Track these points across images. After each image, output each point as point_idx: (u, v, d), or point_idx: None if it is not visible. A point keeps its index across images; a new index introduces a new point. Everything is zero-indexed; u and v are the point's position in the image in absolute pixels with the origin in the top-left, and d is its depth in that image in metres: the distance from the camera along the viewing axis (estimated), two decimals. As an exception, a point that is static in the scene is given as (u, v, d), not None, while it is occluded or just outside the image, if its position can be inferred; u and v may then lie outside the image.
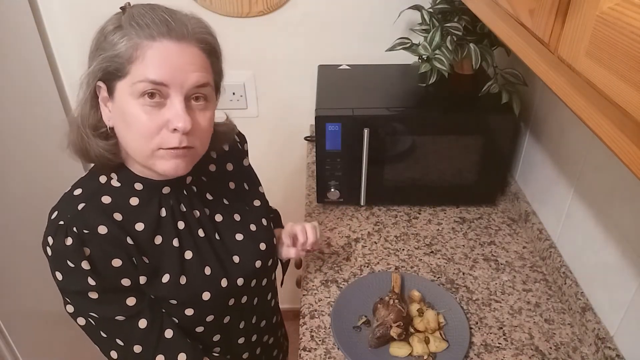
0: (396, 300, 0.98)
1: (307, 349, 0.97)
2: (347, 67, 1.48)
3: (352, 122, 1.19)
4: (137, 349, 0.77)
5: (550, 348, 0.97)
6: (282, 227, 1.09)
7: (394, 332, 0.94)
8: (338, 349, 0.96)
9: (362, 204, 1.33)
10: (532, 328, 1.01)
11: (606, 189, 0.95)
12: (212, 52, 0.74)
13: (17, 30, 1.39)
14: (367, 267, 1.16)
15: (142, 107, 0.69)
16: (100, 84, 0.73)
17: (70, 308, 0.76)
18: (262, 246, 0.91)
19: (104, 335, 0.77)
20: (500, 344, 0.98)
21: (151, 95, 0.68)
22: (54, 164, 1.57)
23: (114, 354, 0.79)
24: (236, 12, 1.46)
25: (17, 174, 1.38)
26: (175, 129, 0.70)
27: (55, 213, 0.75)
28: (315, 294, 1.09)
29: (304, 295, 1.10)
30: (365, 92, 1.34)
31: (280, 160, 1.74)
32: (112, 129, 0.75)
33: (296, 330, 1.04)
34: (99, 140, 0.75)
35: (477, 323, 1.02)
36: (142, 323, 0.77)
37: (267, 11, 1.46)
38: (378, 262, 1.18)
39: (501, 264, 1.17)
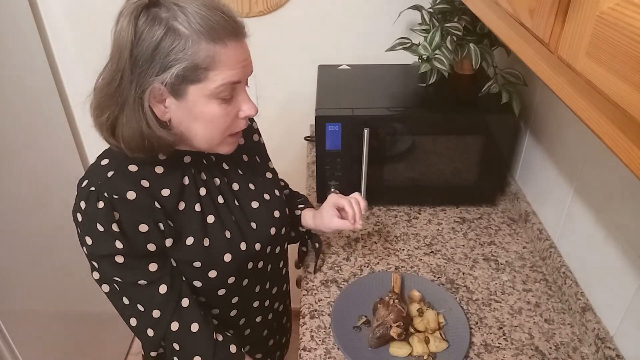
0: (396, 300, 0.98)
1: (307, 349, 0.97)
2: (347, 67, 1.48)
3: (352, 122, 1.19)
4: (156, 314, 0.81)
5: (550, 348, 0.97)
6: (313, 207, 1.13)
7: (394, 332, 0.94)
8: (338, 349, 0.96)
9: (362, 204, 1.33)
10: (532, 328, 1.01)
11: (606, 189, 0.95)
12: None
13: (17, 30, 1.39)
14: (367, 267, 1.16)
15: (219, 106, 0.75)
16: (159, 86, 0.71)
17: (96, 275, 0.81)
18: (276, 214, 0.96)
19: (126, 302, 0.81)
20: (500, 344, 0.98)
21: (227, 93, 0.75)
22: (54, 164, 1.57)
23: (133, 321, 0.83)
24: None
25: (17, 174, 1.38)
26: (247, 116, 0.78)
27: (86, 182, 0.78)
28: (315, 294, 1.09)
29: (304, 295, 1.10)
30: (365, 92, 1.34)
31: (280, 160, 1.74)
32: (166, 122, 0.76)
33: (296, 330, 1.04)
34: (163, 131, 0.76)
35: (477, 323, 1.02)
36: (162, 289, 0.81)
37: (267, 11, 1.46)
38: (378, 262, 1.18)
39: (501, 264, 1.17)
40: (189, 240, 0.82)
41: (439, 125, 1.23)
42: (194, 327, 0.83)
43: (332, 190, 1.29)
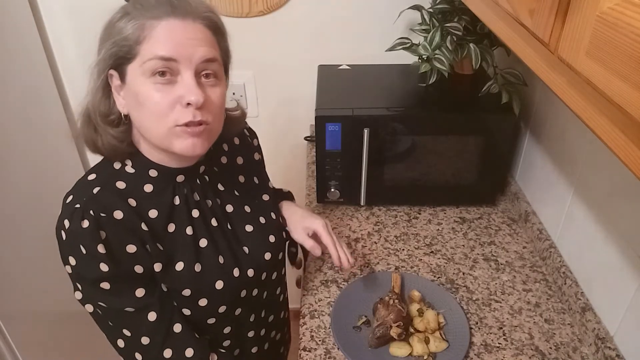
0: (396, 300, 0.98)
1: (307, 349, 0.97)
2: (347, 67, 1.48)
3: (352, 122, 1.19)
4: (145, 340, 0.77)
5: (550, 348, 0.97)
6: (294, 200, 1.10)
7: (394, 332, 0.94)
8: (338, 349, 0.96)
9: (362, 204, 1.33)
10: (532, 328, 1.01)
11: (606, 189, 0.95)
12: (217, 30, 0.75)
13: (17, 30, 1.39)
14: (367, 267, 1.16)
15: (154, 86, 0.70)
16: (112, 72, 0.73)
17: (78, 295, 0.76)
18: (272, 238, 0.92)
19: (111, 324, 0.78)
20: (500, 344, 0.98)
21: (162, 73, 0.69)
22: (54, 164, 1.57)
23: (120, 343, 0.79)
24: (236, 12, 1.46)
25: (17, 174, 1.38)
26: (188, 103, 0.70)
27: (71, 197, 0.75)
28: (315, 294, 1.09)
29: (304, 295, 1.10)
30: (365, 92, 1.34)
31: (280, 160, 1.74)
32: (126, 116, 0.75)
33: (296, 330, 1.04)
34: (110, 128, 0.76)
35: (477, 323, 1.02)
36: (152, 316, 0.77)
37: (267, 11, 1.46)
38: (378, 262, 1.18)
39: (501, 264, 1.17)
40: (179, 266, 0.78)
41: (439, 125, 1.23)
42: (189, 352, 0.79)
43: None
